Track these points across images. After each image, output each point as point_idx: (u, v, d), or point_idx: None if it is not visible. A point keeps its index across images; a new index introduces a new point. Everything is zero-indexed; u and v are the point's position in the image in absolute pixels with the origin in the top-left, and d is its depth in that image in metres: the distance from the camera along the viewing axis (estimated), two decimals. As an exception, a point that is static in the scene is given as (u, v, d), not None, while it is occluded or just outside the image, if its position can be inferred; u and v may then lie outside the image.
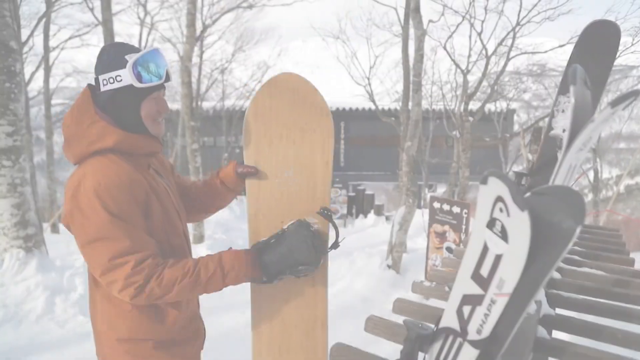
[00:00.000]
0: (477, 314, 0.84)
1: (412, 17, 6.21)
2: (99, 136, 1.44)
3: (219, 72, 20.00)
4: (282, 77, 1.66)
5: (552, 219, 0.72)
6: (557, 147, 1.80)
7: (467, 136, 7.73)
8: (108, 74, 1.46)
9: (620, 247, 1.89)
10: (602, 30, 1.61)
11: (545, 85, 19.23)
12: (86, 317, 4.50)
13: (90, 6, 11.79)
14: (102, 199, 1.35)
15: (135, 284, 1.34)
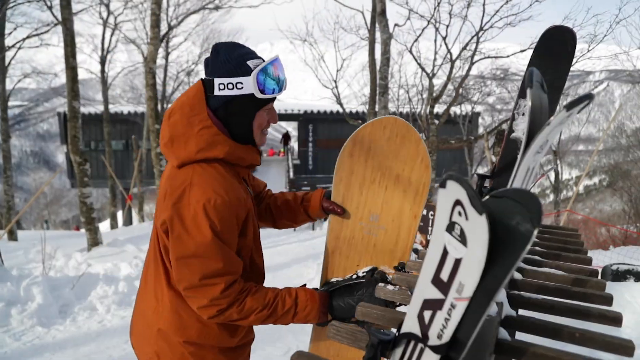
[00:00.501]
0: (437, 318, 0.83)
1: (379, 21, 6.27)
2: (209, 144, 1.39)
3: (185, 74, 19.73)
4: (387, 120, 1.65)
5: (509, 222, 0.72)
6: (517, 149, 1.83)
7: (433, 138, 7.84)
8: (228, 79, 1.40)
9: (579, 246, 1.94)
10: (559, 35, 1.65)
11: (508, 89, 19.76)
12: (45, 327, 4.34)
13: (49, 4, 11.42)
14: (209, 217, 1.32)
15: (219, 307, 1.36)
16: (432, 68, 9.93)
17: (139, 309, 1.61)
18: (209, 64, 1.45)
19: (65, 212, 46.52)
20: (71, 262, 6.56)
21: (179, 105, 1.44)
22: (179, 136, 1.41)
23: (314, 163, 25.22)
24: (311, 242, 10.16)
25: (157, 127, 7.94)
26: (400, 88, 16.50)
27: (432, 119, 8.06)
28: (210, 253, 1.34)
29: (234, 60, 1.40)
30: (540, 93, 1.01)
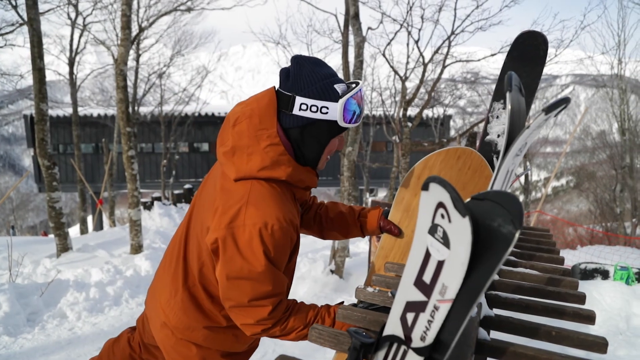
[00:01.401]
0: (420, 320, 0.84)
1: (352, 24, 6.30)
2: (273, 163, 1.34)
3: (156, 76, 19.44)
4: (463, 151, 1.66)
5: (491, 224, 0.72)
6: (492, 151, 1.87)
7: (406, 141, 7.93)
8: (313, 101, 1.32)
9: (551, 246, 1.98)
10: (531, 40, 1.69)
11: (478, 92, 20.13)
12: (12, 337, 4.19)
13: (13, 3, 11.09)
14: (264, 242, 1.29)
15: (264, 326, 1.37)
16: (404, 71, 10.05)
17: (154, 288, 1.62)
18: (289, 77, 1.37)
19: (33, 217, 45.17)
20: (39, 268, 6.37)
21: (248, 113, 1.37)
22: (243, 148, 1.35)
23: (288, 166, 25.16)
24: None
25: (128, 130, 7.78)
26: (373, 91, 16.64)
27: (405, 122, 8.15)
28: (262, 277, 1.31)
29: (321, 82, 1.34)
30: (518, 96, 1.03)
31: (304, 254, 8.16)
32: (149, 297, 1.64)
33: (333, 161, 24.77)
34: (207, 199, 1.45)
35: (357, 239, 9.33)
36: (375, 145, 21.27)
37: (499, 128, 1.81)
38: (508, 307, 1.36)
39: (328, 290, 5.97)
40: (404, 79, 9.58)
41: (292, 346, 4.33)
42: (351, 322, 1.19)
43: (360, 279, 6.23)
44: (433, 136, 20.28)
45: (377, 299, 1.34)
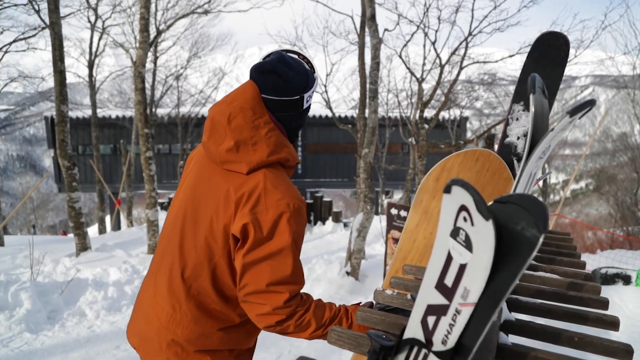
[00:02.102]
0: (442, 324, 0.83)
1: (368, 26, 6.29)
2: (277, 146, 1.40)
3: (173, 78, 19.65)
4: (481, 153, 1.66)
5: (515, 227, 0.72)
6: (511, 153, 1.85)
7: (423, 143, 7.88)
8: (312, 89, 1.47)
9: (572, 250, 1.95)
10: (553, 41, 1.67)
11: (496, 94, 19.94)
12: (33, 334, 4.27)
13: (36, 8, 11.31)
14: (289, 222, 1.33)
15: (279, 316, 1.35)
16: (421, 73, 10.00)
17: (146, 314, 1.54)
18: (288, 79, 1.42)
19: (52, 217, 45.94)
20: (59, 267, 6.47)
21: (239, 108, 1.40)
22: (247, 140, 1.38)
23: (303, 167, 25.20)
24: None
25: (146, 131, 7.87)
26: (389, 92, 16.59)
27: (422, 124, 8.10)
28: (283, 258, 1.34)
29: (312, 75, 1.49)
30: (542, 98, 1.02)
31: (319, 255, 8.16)
32: (138, 327, 1.56)
33: (348, 162, 24.75)
34: (209, 203, 1.42)
35: (374, 240, 9.30)
36: (391, 147, 21.19)
37: (519, 130, 1.79)
38: (529, 311, 1.34)
39: (344, 292, 5.97)
40: (420, 81, 9.54)
41: (308, 347, 4.33)
42: (370, 324, 1.19)
43: (376, 281, 6.21)
44: (449, 138, 20.14)
45: (395, 302, 1.33)
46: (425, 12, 8.86)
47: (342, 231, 11.70)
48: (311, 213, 13.40)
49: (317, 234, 11.84)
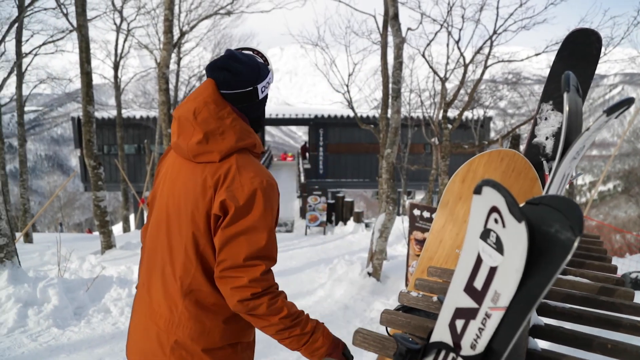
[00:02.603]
0: (470, 328, 0.81)
1: (391, 25, 6.24)
2: (243, 133, 1.49)
3: (196, 79, 19.84)
4: (506, 153, 1.65)
5: (549, 230, 0.69)
6: (540, 154, 1.80)
7: (447, 143, 7.79)
8: (266, 80, 1.56)
9: (602, 254, 1.90)
10: (584, 38, 1.63)
11: (520, 93, 19.61)
12: (60, 329, 4.36)
13: (64, 12, 11.57)
14: (264, 196, 1.40)
15: (254, 289, 1.37)
16: (444, 72, 9.89)
17: (144, 327, 1.55)
18: (238, 73, 1.51)
19: (78, 215, 46.94)
20: (85, 264, 6.60)
21: (202, 103, 1.48)
22: (214, 131, 1.46)
23: (325, 167, 25.21)
24: (323, 246, 10.14)
25: (169, 131, 7.97)
26: (411, 92, 16.46)
27: (446, 124, 8.01)
28: (260, 232, 1.40)
29: (263, 64, 1.57)
30: (576, 97, 0.99)
31: (340, 255, 8.14)
32: (137, 343, 1.57)
33: (370, 163, 24.66)
34: (189, 199, 1.48)
35: (396, 241, 9.24)
36: (413, 147, 21.05)
37: (547, 130, 1.75)
38: (558, 316, 1.30)
39: (365, 292, 5.93)
40: (444, 80, 9.44)
41: (329, 348, 4.32)
42: (395, 326, 1.17)
43: (398, 282, 6.16)
44: (473, 138, 19.89)
45: (421, 304, 1.31)
46: (449, 11, 8.77)
47: (364, 232, 11.65)
48: (332, 213, 13.38)
49: (338, 234, 11.81)
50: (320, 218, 12.23)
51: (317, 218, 12.21)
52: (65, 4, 11.77)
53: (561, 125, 1.68)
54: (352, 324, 4.98)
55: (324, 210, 12.33)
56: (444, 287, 1.44)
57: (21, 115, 14.48)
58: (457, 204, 1.68)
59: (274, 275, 1.50)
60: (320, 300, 5.83)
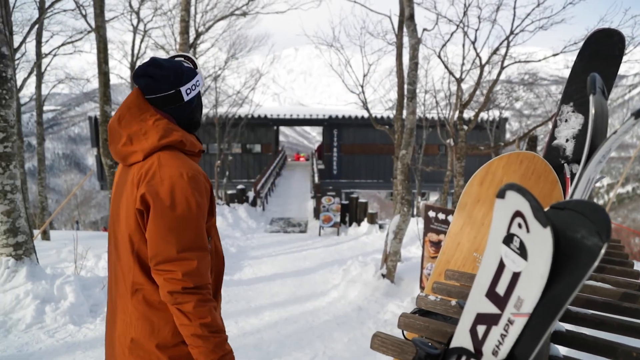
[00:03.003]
0: (492, 334, 0.80)
1: (407, 26, 6.21)
2: (166, 131, 1.52)
3: (211, 79, 19.95)
4: (525, 155, 1.64)
5: (574, 235, 0.68)
6: (560, 156, 1.77)
7: (462, 144, 7.73)
8: (191, 83, 1.60)
9: (624, 258, 1.86)
10: (606, 38, 1.60)
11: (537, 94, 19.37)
12: (77, 326, 4.41)
13: (83, 13, 11.72)
14: (184, 189, 1.42)
15: (186, 283, 1.39)
16: (460, 73, 9.81)
17: (109, 330, 1.64)
18: (161, 79, 1.56)
19: (94, 213, 47.51)
20: (101, 262, 6.67)
21: (125, 109, 1.56)
22: (137, 132, 1.52)
23: (339, 168, 25.18)
24: (336, 247, 10.12)
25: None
26: (426, 93, 16.35)
27: (461, 125, 7.95)
28: (186, 225, 1.41)
29: (187, 67, 1.61)
30: (602, 99, 0.97)
31: (354, 256, 8.12)
32: (107, 343, 1.67)
33: (384, 164, 24.57)
34: (122, 201, 1.55)
35: (410, 242, 9.18)
36: (427, 148, 20.92)
37: (567, 132, 1.72)
38: (579, 322, 1.28)
39: (379, 294, 5.91)
40: (460, 81, 9.36)
41: (343, 349, 4.31)
42: (413, 330, 1.16)
43: (412, 284, 6.13)
44: (488, 139, 19.71)
45: (439, 308, 1.29)
46: (465, 11, 8.70)
47: (378, 233, 11.61)
48: (346, 214, 13.35)
49: (352, 235, 11.79)
50: (334, 219, 12.21)
51: (330, 219, 12.20)
52: (84, 6, 11.93)
53: (582, 127, 1.66)
54: (366, 325, 4.97)
55: (337, 211, 12.31)
56: (462, 291, 1.42)
57: (40, 115, 14.70)
58: (475, 207, 1.66)
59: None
60: (333, 301, 5.83)
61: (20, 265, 4.79)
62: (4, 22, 4.62)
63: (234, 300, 5.80)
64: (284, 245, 10.16)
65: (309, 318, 5.20)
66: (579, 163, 1.69)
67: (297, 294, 6.21)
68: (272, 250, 9.51)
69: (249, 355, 4.15)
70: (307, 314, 5.34)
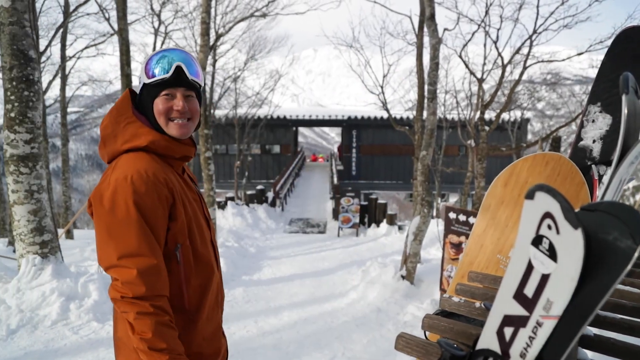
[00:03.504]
0: (520, 336, 0.79)
1: (427, 26, 6.17)
2: (132, 135, 1.45)
3: (231, 80, 20.10)
4: (551, 157, 1.62)
5: (606, 237, 0.67)
6: (586, 157, 1.74)
7: (483, 145, 7.64)
8: (141, 79, 1.51)
9: (653, 261, 1.81)
10: (636, 36, 1.56)
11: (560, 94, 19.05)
12: (100, 323, 4.50)
13: (106, 16, 11.95)
14: (125, 193, 1.33)
15: (124, 292, 1.32)
16: (481, 73, 9.71)
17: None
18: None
19: (116, 214, 48.16)
20: (124, 262, 6.78)
21: (109, 112, 1.52)
22: (108, 135, 1.49)
23: (357, 169, 25.12)
24: (355, 248, 10.11)
25: (205, 132, 8.11)
26: (446, 93, 16.22)
27: (483, 125, 7.86)
28: (126, 230, 1.33)
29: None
30: (635, 99, 0.95)
31: (373, 257, 8.10)
32: None
33: (403, 165, 24.44)
34: None
35: (430, 244, 9.12)
36: (447, 149, 20.73)
37: (595, 133, 1.69)
38: (607, 326, 1.25)
39: (398, 296, 5.88)
40: (481, 81, 9.27)
41: (361, 351, 4.30)
42: (437, 332, 1.15)
43: (432, 286, 6.08)
44: (509, 140, 19.45)
45: (462, 310, 1.28)
46: (486, 10, 8.60)
47: (397, 234, 11.55)
48: (365, 215, 13.31)
49: (371, 236, 11.75)
50: (353, 220, 12.19)
51: (349, 220, 12.18)
52: (107, 9, 12.16)
53: (610, 128, 1.62)
54: (385, 327, 4.95)
55: (356, 211, 12.28)
56: (486, 293, 1.40)
57: (64, 116, 15.01)
58: (499, 209, 1.64)
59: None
60: (352, 302, 5.82)
61: (46, 263, 4.90)
62: (31, 27, 4.73)
63: (253, 300, 5.84)
64: (303, 246, 10.19)
65: (328, 319, 5.20)
66: (607, 164, 1.66)
67: (315, 295, 6.21)
68: (291, 251, 9.53)
69: (268, 355, 4.17)
70: (326, 315, 5.34)
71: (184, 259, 1.48)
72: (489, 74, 9.80)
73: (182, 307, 1.49)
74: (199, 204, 1.62)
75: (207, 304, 1.55)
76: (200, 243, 1.54)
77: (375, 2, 9.62)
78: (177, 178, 1.52)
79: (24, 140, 4.70)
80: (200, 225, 1.56)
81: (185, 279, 1.48)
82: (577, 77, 24.55)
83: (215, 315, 1.63)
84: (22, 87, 4.66)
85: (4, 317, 4.33)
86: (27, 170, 4.75)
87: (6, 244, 11.37)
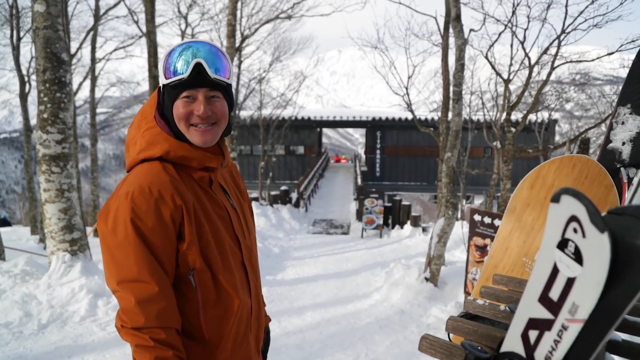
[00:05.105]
0: (545, 339, 0.79)
1: (453, 26, 6.12)
2: (149, 143, 1.32)
3: (256, 81, 20.27)
4: (579, 159, 1.61)
5: (634, 241, 0.67)
6: (615, 160, 1.71)
7: (510, 147, 7.54)
8: (162, 74, 1.34)
9: (685, 267, 1.77)
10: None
11: (589, 95, 18.62)
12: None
13: (135, 19, 12.21)
14: (124, 211, 1.22)
15: (122, 321, 1.23)
16: (508, 74, 9.57)
17: None
18: None
19: (143, 213, 49.09)
20: (150, 260, 6.92)
21: (137, 115, 1.42)
22: (129, 141, 1.39)
23: (381, 170, 25.04)
24: (379, 249, 10.08)
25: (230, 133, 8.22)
26: (472, 94, 16.03)
27: (509, 127, 7.75)
28: (124, 253, 1.21)
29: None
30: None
31: (397, 259, 8.07)
32: None
33: (427, 166, 24.26)
34: None
35: (454, 246, 9.03)
36: (472, 150, 20.48)
37: (624, 135, 1.66)
38: (634, 331, 1.23)
39: (422, 298, 5.85)
40: (507, 82, 9.14)
41: (384, 352, 4.30)
42: (461, 334, 1.15)
43: (456, 289, 6.03)
44: (536, 141, 19.12)
45: (487, 312, 1.28)
46: (513, 10, 8.47)
47: (421, 236, 11.47)
48: (389, 216, 13.26)
49: (394, 238, 11.70)
50: (377, 221, 12.16)
51: (373, 221, 12.15)
52: (136, 12, 12.44)
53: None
54: (409, 329, 4.93)
55: (380, 213, 12.25)
56: (511, 296, 1.40)
57: (93, 117, 15.40)
58: (525, 211, 1.62)
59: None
60: (376, 303, 5.81)
61: (75, 261, 5.04)
62: (64, 30, 4.87)
63: (277, 300, 5.88)
64: (326, 247, 10.21)
65: (351, 320, 5.21)
66: (636, 167, 1.63)
67: (339, 296, 6.22)
68: (314, 252, 9.57)
69: (292, 355, 4.20)
70: (349, 316, 5.34)
71: (201, 284, 1.32)
72: (515, 75, 9.65)
73: (201, 337, 1.34)
74: (228, 221, 1.42)
75: (230, 335, 1.38)
76: (223, 267, 1.35)
77: (400, 3, 9.59)
78: (197, 192, 1.35)
79: (55, 141, 4.85)
80: (223, 245, 1.37)
81: (203, 307, 1.33)
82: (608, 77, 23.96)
83: (244, 348, 1.44)
84: (55, 88, 4.80)
85: (35, 312, 4.47)
86: (59, 170, 4.89)
87: (37, 241, 11.73)
